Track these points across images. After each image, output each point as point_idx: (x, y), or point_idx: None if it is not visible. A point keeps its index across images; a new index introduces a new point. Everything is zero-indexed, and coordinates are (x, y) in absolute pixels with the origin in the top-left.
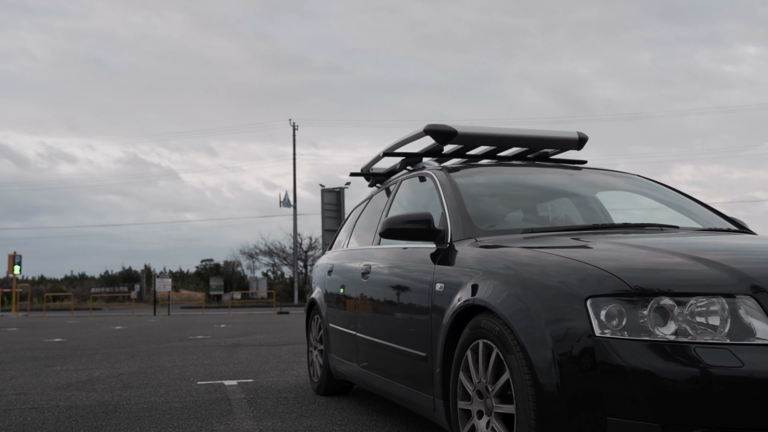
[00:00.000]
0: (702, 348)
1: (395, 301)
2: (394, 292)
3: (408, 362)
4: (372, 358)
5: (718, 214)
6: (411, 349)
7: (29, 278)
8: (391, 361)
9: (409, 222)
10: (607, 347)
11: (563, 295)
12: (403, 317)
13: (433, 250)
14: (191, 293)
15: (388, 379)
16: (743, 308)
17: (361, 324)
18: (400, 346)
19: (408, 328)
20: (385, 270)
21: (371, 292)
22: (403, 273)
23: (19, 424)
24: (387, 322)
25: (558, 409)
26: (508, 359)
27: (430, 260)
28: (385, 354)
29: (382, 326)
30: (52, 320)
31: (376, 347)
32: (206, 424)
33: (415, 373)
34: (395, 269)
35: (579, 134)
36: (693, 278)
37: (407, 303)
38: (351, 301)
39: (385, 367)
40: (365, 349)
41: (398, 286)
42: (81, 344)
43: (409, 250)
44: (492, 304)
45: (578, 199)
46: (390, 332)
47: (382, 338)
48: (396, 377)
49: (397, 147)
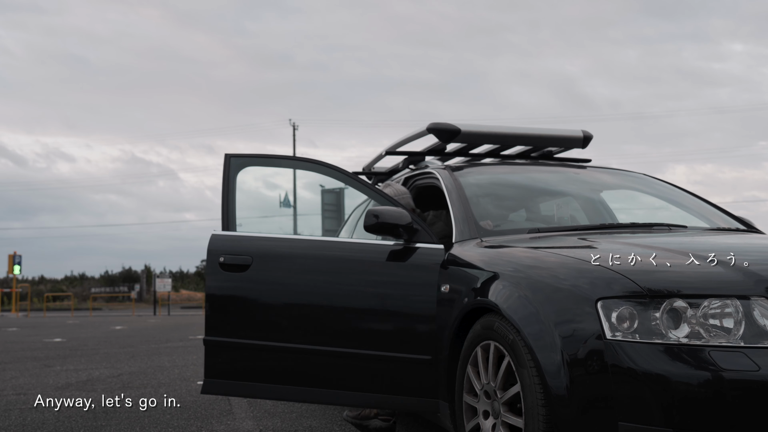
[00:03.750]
0: (716, 351)
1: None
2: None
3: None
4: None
5: (725, 213)
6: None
7: (29, 278)
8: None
9: (381, 217)
10: (618, 350)
11: (573, 297)
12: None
13: (436, 250)
14: (191, 293)
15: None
16: (758, 310)
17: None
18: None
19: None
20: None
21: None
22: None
23: (19, 424)
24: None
25: (568, 414)
26: (521, 373)
27: (434, 261)
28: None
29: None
30: (52, 320)
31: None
32: (206, 424)
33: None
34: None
35: (584, 132)
36: (706, 279)
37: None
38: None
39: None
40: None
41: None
42: (81, 344)
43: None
44: (501, 307)
45: (583, 198)
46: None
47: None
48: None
49: (399, 146)
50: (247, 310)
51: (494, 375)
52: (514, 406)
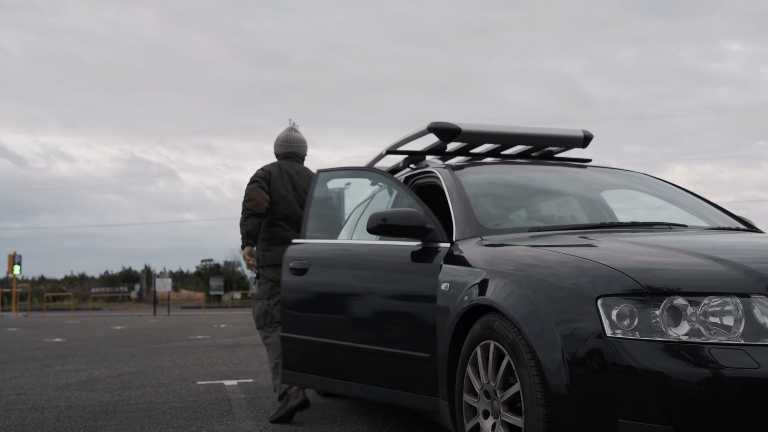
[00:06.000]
0: (716, 349)
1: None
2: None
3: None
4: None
5: (725, 213)
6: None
7: (29, 278)
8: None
9: (394, 218)
10: (618, 348)
11: (574, 295)
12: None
13: (437, 249)
14: (191, 293)
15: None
16: (758, 308)
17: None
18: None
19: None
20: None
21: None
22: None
23: (19, 424)
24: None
25: (568, 412)
26: (521, 372)
27: (435, 260)
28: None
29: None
30: (52, 320)
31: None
32: (206, 424)
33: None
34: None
35: (584, 132)
36: (706, 277)
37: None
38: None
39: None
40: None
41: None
42: (81, 344)
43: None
44: (501, 305)
45: (583, 197)
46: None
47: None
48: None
49: (399, 145)
50: (303, 309)
51: (494, 375)
52: (514, 406)
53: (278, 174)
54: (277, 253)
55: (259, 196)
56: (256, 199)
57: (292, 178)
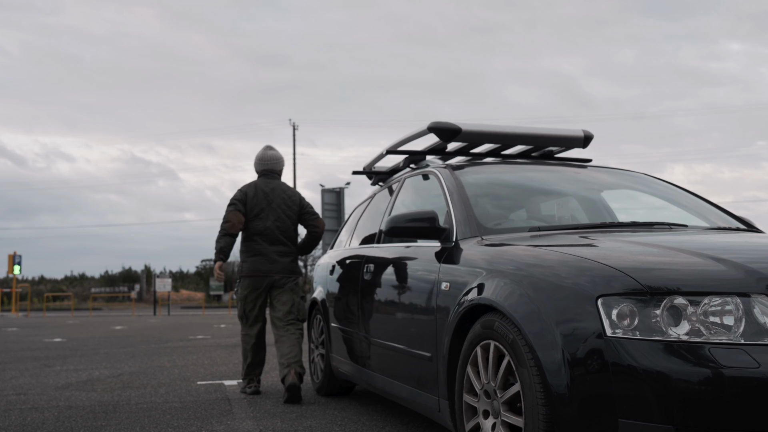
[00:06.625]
0: (716, 348)
1: (399, 301)
2: (398, 292)
3: (412, 362)
4: (375, 359)
5: (725, 213)
6: (415, 349)
7: (29, 278)
8: (394, 362)
9: (414, 220)
10: (618, 347)
11: (574, 295)
12: (408, 317)
13: (438, 248)
14: (191, 293)
15: (391, 379)
16: (758, 308)
17: (363, 324)
18: (404, 346)
19: (412, 328)
20: (389, 269)
21: (374, 292)
22: (407, 272)
23: (19, 424)
24: (391, 321)
25: (569, 412)
26: (521, 372)
27: (435, 259)
28: (389, 354)
29: (385, 326)
30: (52, 320)
31: (380, 347)
32: (206, 424)
33: (419, 374)
34: (399, 268)
35: (584, 132)
36: (706, 277)
37: (411, 302)
38: (353, 301)
39: (388, 368)
40: (368, 349)
41: (402, 285)
42: (81, 344)
43: (413, 249)
44: (501, 305)
45: (583, 197)
46: (394, 332)
47: (386, 338)
48: (400, 378)
49: (400, 145)
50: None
51: (494, 374)
52: (514, 406)
53: (253, 194)
54: (250, 264)
55: (235, 218)
56: (232, 221)
57: (267, 196)
